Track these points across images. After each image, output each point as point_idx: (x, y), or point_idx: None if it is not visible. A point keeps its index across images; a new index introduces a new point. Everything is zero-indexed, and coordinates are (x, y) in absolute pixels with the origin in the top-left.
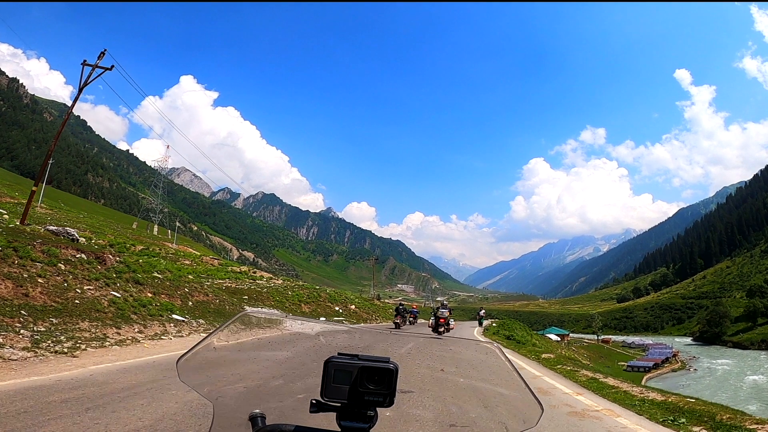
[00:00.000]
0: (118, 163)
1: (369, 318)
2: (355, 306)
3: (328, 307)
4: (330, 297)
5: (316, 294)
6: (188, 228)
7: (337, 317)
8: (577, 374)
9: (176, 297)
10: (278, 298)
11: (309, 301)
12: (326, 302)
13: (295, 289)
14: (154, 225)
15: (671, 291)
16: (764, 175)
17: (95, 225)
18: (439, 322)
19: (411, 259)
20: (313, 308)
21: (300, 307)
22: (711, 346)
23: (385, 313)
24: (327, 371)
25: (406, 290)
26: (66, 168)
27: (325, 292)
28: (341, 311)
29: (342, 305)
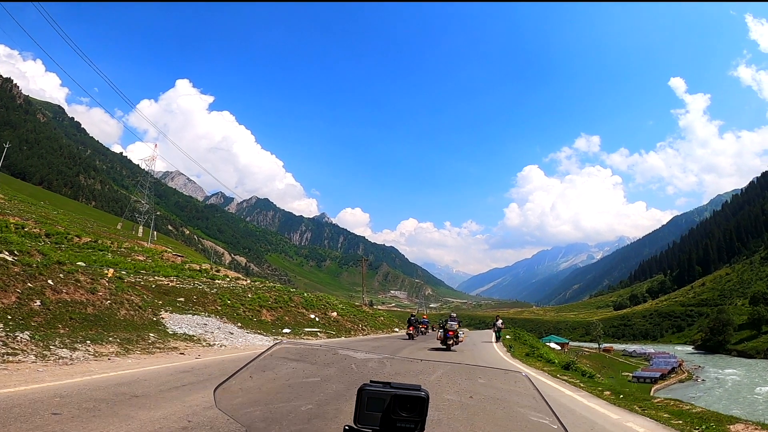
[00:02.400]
0: (111, 165)
1: (354, 328)
2: (338, 313)
3: (301, 314)
4: (306, 302)
5: (286, 298)
6: (180, 232)
7: (310, 327)
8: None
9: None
10: (230, 302)
11: (275, 306)
12: (298, 308)
13: (259, 292)
14: (139, 226)
15: (670, 298)
16: (761, 182)
17: (52, 217)
18: (447, 334)
19: (404, 266)
20: (278, 315)
21: (260, 314)
22: (714, 355)
23: (375, 322)
24: (360, 398)
25: (399, 296)
26: (57, 169)
27: (301, 295)
28: (318, 320)
29: (320, 312)
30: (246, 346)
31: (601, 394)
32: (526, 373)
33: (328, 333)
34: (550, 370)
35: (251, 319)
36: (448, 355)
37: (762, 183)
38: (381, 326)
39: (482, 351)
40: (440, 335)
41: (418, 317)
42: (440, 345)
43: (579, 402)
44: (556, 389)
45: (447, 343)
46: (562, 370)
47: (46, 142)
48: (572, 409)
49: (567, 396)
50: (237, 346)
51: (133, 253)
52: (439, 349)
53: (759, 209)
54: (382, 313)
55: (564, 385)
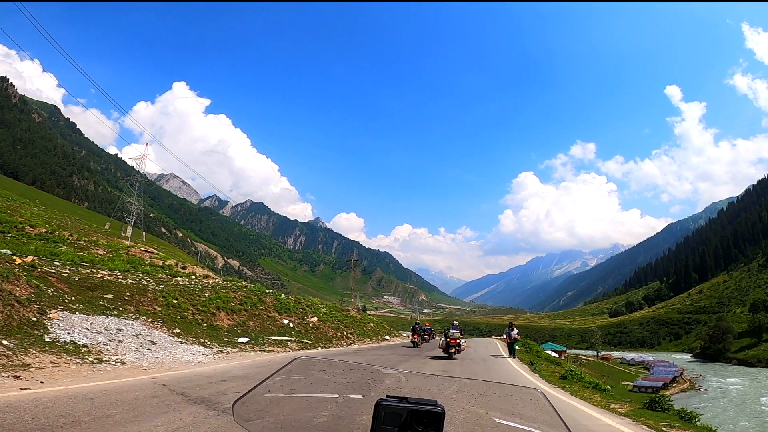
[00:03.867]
0: (106, 167)
1: (337, 336)
2: (319, 318)
3: (271, 319)
4: (280, 305)
5: (255, 299)
6: (173, 234)
7: (280, 335)
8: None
9: None
10: (176, 302)
11: (238, 309)
12: (269, 312)
13: (221, 291)
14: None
15: (666, 305)
16: (757, 190)
17: (26, 212)
18: (449, 343)
19: (398, 271)
20: (240, 320)
21: (214, 317)
22: (714, 364)
23: (363, 329)
24: (377, 413)
25: (392, 302)
26: (51, 169)
27: (275, 297)
28: (293, 326)
29: (297, 317)
30: (158, 364)
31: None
32: (541, 390)
33: (302, 342)
34: (626, 412)
35: (200, 324)
36: (462, 370)
37: (758, 191)
38: (370, 334)
39: (498, 369)
40: (442, 343)
41: (421, 324)
42: (442, 353)
43: None
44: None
45: (449, 351)
46: (647, 412)
47: (41, 142)
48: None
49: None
50: (143, 364)
51: (92, 247)
52: (441, 358)
53: (756, 216)
54: (372, 318)
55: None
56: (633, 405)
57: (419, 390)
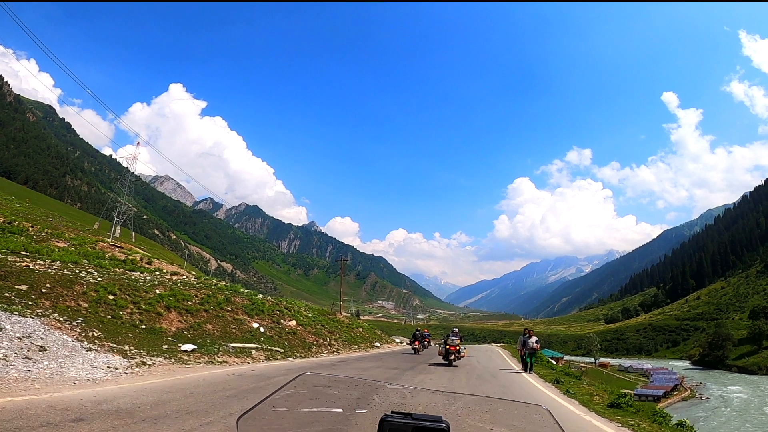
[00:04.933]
0: (100, 168)
1: (318, 343)
2: (297, 322)
3: (237, 321)
4: (251, 306)
5: (221, 298)
6: (167, 236)
7: (244, 342)
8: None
9: None
10: (113, 297)
11: (195, 309)
12: (236, 313)
13: (176, 287)
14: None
15: (664, 312)
16: (753, 196)
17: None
18: (449, 350)
19: (392, 276)
20: (194, 322)
21: (159, 318)
22: (714, 371)
23: (351, 335)
24: (382, 429)
25: (386, 307)
26: (44, 169)
27: (248, 297)
28: (264, 330)
29: (270, 320)
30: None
31: None
32: (547, 407)
33: (271, 351)
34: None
35: (136, 325)
36: (471, 390)
37: (755, 197)
38: (358, 340)
39: (517, 391)
40: (442, 350)
41: (422, 331)
42: (442, 360)
43: None
44: None
45: (449, 358)
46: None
47: (34, 142)
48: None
49: None
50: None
51: (53, 239)
52: (441, 365)
53: (754, 223)
54: (361, 323)
55: None
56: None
57: (424, 406)
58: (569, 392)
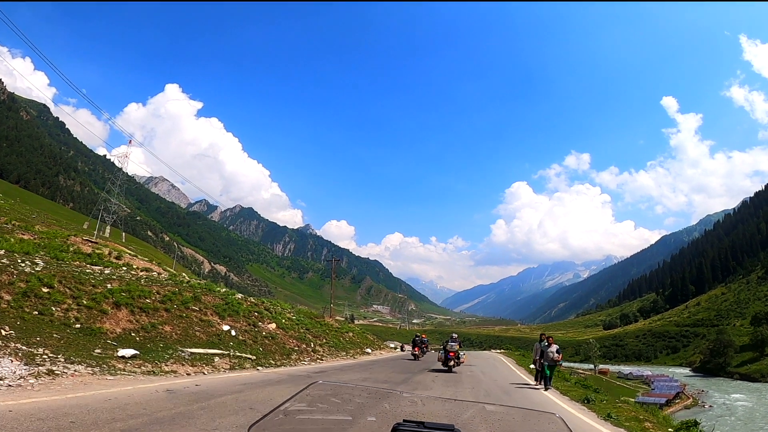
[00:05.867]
0: (94, 168)
1: (299, 349)
2: (278, 325)
3: (204, 323)
4: (224, 306)
5: (188, 296)
6: (160, 238)
7: (207, 347)
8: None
9: None
10: (46, 290)
11: (153, 307)
12: (204, 314)
13: (134, 284)
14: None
15: (663, 318)
16: (754, 202)
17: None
18: (448, 356)
19: (388, 280)
20: (150, 322)
21: (103, 317)
22: (715, 378)
23: (339, 341)
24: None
25: (381, 311)
26: (36, 168)
27: (221, 296)
28: (235, 333)
29: (245, 322)
30: None
31: None
32: (559, 415)
33: (238, 358)
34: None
35: (68, 324)
36: (475, 393)
37: (755, 203)
38: (347, 346)
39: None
40: (441, 356)
41: (421, 337)
42: (441, 366)
43: None
44: None
45: (448, 364)
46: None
47: (28, 140)
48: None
49: None
50: None
51: (19, 231)
52: (440, 371)
53: (754, 228)
54: (352, 327)
55: None
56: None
57: (436, 414)
58: (611, 417)
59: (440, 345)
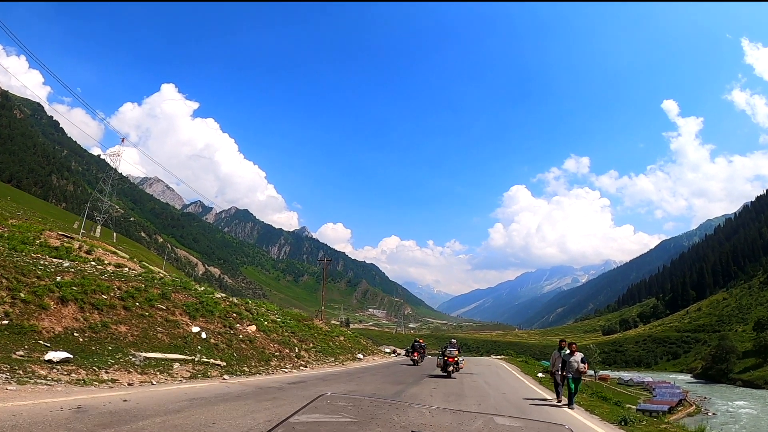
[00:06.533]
0: (88, 168)
1: (282, 355)
2: (259, 328)
3: (169, 323)
4: (197, 305)
5: (154, 294)
6: (153, 239)
7: (165, 352)
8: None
9: None
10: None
11: (107, 304)
12: (170, 313)
13: (89, 277)
14: (98, 225)
15: (663, 323)
16: (755, 206)
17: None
18: (447, 361)
19: (384, 284)
20: (102, 320)
21: (41, 313)
22: (717, 385)
23: (328, 345)
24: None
25: (377, 315)
26: (29, 167)
27: (194, 295)
28: (206, 336)
29: (220, 323)
30: None
31: None
32: (569, 426)
33: (205, 364)
34: None
35: None
36: (487, 405)
37: (757, 207)
38: (337, 351)
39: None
40: (440, 362)
41: (420, 342)
42: (441, 372)
43: None
44: None
45: (447, 370)
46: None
47: (21, 139)
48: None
49: None
50: None
51: None
52: (439, 376)
53: (756, 233)
54: (343, 331)
55: None
56: None
57: (444, 426)
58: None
59: (438, 350)
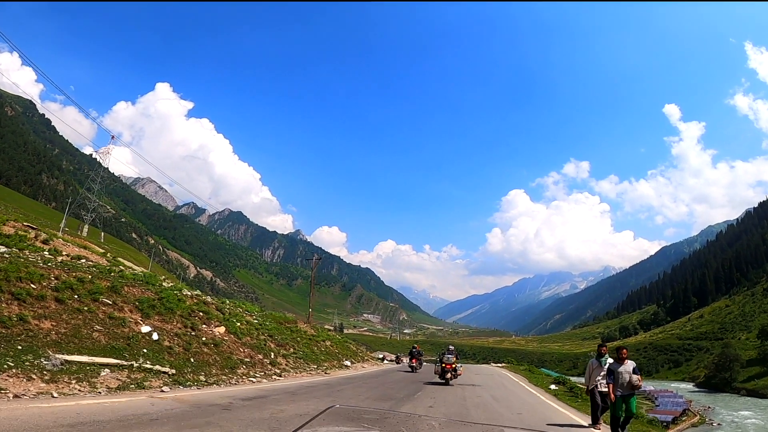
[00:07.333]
0: (79, 167)
1: (252, 361)
2: (229, 329)
3: (112, 321)
4: (153, 301)
5: (100, 286)
6: (145, 240)
7: (95, 355)
8: None
9: None
10: None
11: (29, 295)
12: (118, 309)
13: (24, 265)
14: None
15: (665, 331)
16: (758, 212)
17: None
18: (445, 368)
19: (379, 288)
20: (18, 314)
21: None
22: (721, 394)
23: (312, 351)
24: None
25: (372, 320)
26: (19, 165)
27: (154, 290)
28: (157, 336)
29: (180, 323)
30: None
31: None
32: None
33: (144, 372)
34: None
35: None
36: (497, 416)
37: (759, 213)
38: (321, 357)
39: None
40: (438, 369)
41: (417, 348)
42: (438, 379)
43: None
44: None
45: (445, 377)
46: None
47: (11, 137)
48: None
49: None
50: None
51: None
52: (437, 383)
53: (759, 239)
54: (331, 335)
55: None
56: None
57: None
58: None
59: (435, 357)
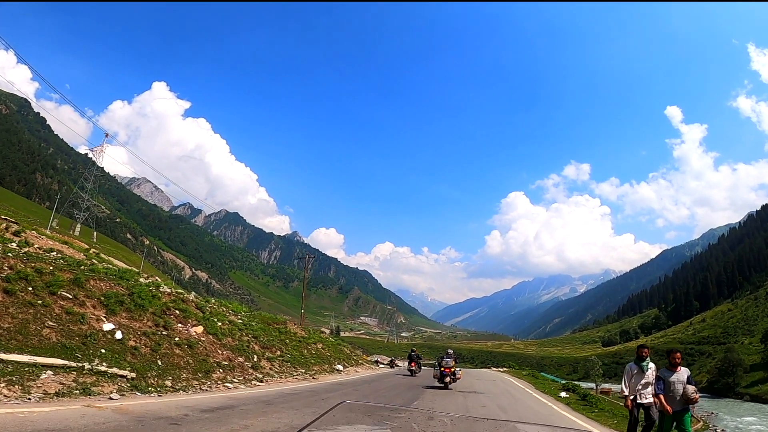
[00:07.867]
0: (74, 166)
1: (231, 364)
2: (207, 330)
3: (69, 317)
4: (123, 296)
5: (60, 279)
6: (139, 241)
7: (32, 355)
8: None
9: None
10: None
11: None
12: (78, 304)
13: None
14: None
15: (666, 335)
16: (761, 215)
17: None
18: (444, 372)
19: (377, 291)
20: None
21: None
22: (724, 399)
23: (301, 354)
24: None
25: (369, 323)
26: (12, 164)
27: (125, 284)
28: (121, 335)
29: (151, 321)
30: None
31: None
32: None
33: (95, 375)
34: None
35: None
36: (507, 413)
37: (762, 216)
38: (311, 361)
39: None
40: (436, 373)
41: (417, 351)
42: (437, 383)
43: None
44: None
45: (444, 380)
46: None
47: (5, 135)
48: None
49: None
50: None
51: None
52: (435, 387)
53: (762, 242)
54: (323, 338)
55: None
56: None
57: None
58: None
59: (434, 360)
